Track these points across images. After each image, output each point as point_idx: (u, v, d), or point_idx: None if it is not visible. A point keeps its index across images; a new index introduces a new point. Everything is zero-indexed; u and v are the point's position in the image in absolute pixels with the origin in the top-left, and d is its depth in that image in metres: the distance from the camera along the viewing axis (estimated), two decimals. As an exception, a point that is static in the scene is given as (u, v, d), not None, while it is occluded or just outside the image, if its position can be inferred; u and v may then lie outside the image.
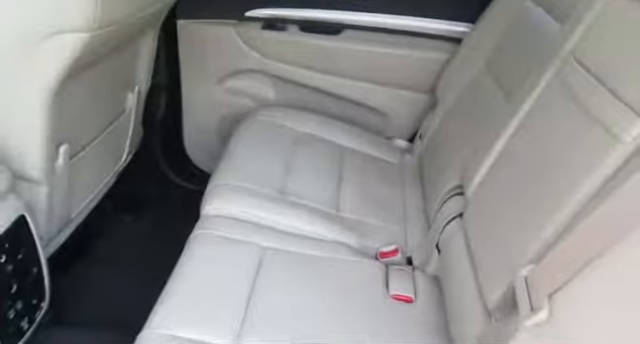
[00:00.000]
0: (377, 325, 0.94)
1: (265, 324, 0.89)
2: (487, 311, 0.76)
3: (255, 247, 1.07)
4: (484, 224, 0.90)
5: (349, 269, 1.07)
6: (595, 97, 0.72)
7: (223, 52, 1.68)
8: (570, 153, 0.72)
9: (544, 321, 0.61)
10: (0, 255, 0.94)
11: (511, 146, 0.92)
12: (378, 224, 1.26)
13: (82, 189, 1.32)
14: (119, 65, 1.37)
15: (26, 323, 1.03)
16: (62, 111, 1.06)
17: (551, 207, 0.70)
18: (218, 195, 1.19)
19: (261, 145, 1.44)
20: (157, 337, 0.83)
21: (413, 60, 1.61)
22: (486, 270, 0.81)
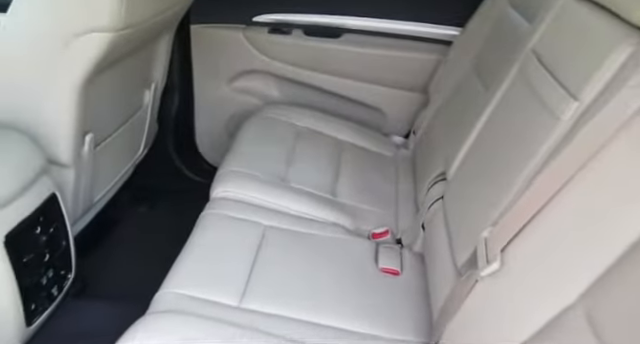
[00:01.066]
0: (366, 292, 1.06)
1: (265, 289, 1.01)
2: (457, 272, 0.87)
3: (258, 225, 1.19)
4: (458, 200, 1.02)
5: (342, 246, 1.19)
6: (545, 85, 0.83)
7: (232, 54, 1.81)
8: (524, 134, 0.84)
9: (497, 270, 0.73)
10: (35, 227, 1.07)
11: (484, 132, 1.04)
12: (371, 209, 1.38)
13: (103, 176, 1.45)
14: (138, 64, 1.50)
15: (56, 290, 1.16)
16: (88, 103, 1.20)
17: (507, 181, 0.82)
18: (226, 180, 1.32)
19: (266, 138, 1.57)
20: (171, 296, 0.96)
21: (408, 61, 1.74)
22: (457, 238, 0.93)
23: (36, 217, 1.07)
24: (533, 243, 0.70)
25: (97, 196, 1.45)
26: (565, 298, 0.63)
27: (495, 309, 0.75)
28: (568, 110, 0.74)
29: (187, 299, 0.95)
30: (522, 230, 0.71)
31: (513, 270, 0.72)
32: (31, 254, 1.06)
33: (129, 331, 0.85)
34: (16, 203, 1.02)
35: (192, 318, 0.90)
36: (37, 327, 1.13)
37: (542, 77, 0.85)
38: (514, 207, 0.74)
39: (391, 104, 1.80)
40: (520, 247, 0.71)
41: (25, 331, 1.08)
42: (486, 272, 0.74)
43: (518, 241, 0.72)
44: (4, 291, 1.00)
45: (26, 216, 1.04)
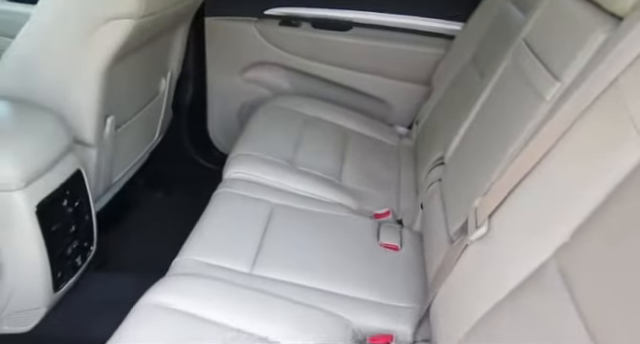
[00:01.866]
0: (366, 264, 1.14)
1: (274, 258, 1.10)
2: (450, 240, 0.95)
3: (267, 203, 1.27)
4: (453, 179, 1.09)
5: (346, 223, 1.27)
6: (533, 70, 0.91)
7: (244, 46, 1.90)
8: (513, 115, 0.92)
9: (484, 234, 0.81)
10: (62, 199, 1.16)
11: (479, 117, 1.12)
12: (374, 192, 1.45)
13: (122, 158, 1.54)
14: (155, 53, 1.59)
15: (80, 260, 1.25)
16: (110, 88, 1.28)
17: (497, 157, 0.89)
18: (237, 162, 1.41)
19: (275, 125, 1.65)
20: (188, 262, 1.05)
21: (412, 55, 1.82)
22: (451, 211, 1.01)
23: (63, 190, 1.16)
24: (516, 208, 0.77)
25: (116, 177, 1.53)
26: (541, 255, 0.70)
27: (482, 271, 0.82)
28: (551, 90, 0.82)
29: (203, 265, 1.04)
30: (507, 197, 0.79)
31: (499, 234, 0.80)
32: (58, 224, 1.15)
33: (150, 290, 0.94)
34: (46, 176, 1.11)
35: (208, 280, 0.98)
36: (62, 294, 1.22)
37: (531, 63, 0.93)
38: (502, 178, 0.82)
39: (395, 95, 1.88)
40: (505, 212, 0.79)
41: (52, 296, 1.17)
42: (475, 236, 0.82)
43: (504, 207, 0.79)
44: (35, 256, 1.09)
45: (54, 189, 1.13)
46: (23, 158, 1.05)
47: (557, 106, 0.77)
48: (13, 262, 1.08)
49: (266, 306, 0.96)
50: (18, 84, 1.18)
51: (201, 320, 0.89)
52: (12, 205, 1.03)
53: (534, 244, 0.73)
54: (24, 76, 1.18)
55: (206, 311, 0.91)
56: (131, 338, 0.85)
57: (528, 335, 0.69)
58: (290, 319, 0.94)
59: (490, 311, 0.77)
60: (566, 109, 0.73)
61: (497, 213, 0.81)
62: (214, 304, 0.93)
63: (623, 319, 0.56)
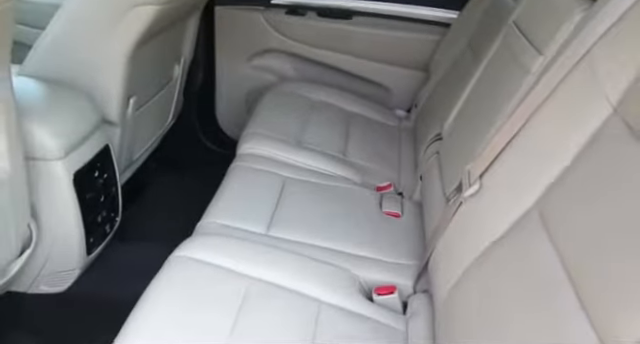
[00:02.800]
0: (370, 228, 1.25)
1: (287, 222, 1.21)
2: (446, 201, 1.07)
3: (279, 176, 1.39)
4: (449, 148, 1.21)
5: (351, 194, 1.39)
6: (520, 47, 1.03)
7: (252, 34, 2.00)
8: (502, 88, 1.03)
9: (476, 191, 0.93)
10: (94, 171, 1.27)
11: (472, 94, 1.23)
12: (376, 168, 1.57)
13: (140, 138, 1.65)
14: (170, 40, 1.70)
15: (108, 228, 1.36)
16: (133, 70, 1.39)
17: (487, 125, 1.01)
18: (250, 139, 1.52)
19: (283, 108, 1.76)
20: (211, 224, 1.16)
21: (411, 41, 1.93)
22: (447, 176, 1.13)
23: (94, 163, 1.27)
24: (504, 167, 0.89)
25: (135, 155, 1.65)
26: (524, 205, 0.82)
27: (473, 225, 0.94)
28: (536, 64, 0.93)
29: (224, 227, 1.16)
30: (496, 158, 0.91)
31: (489, 190, 0.91)
32: (91, 193, 1.26)
33: (181, 246, 1.05)
34: (80, 149, 1.22)
35: (230, 239, 1.10)
36: (93, 258, 1.33)
37: (519, 41, 1.04)
38: (491, 142, 0.94)
39: (395, 80, 1.99)
40: (494, 171, 0.91)
41: (85, 259, 1.29)
42: (468, 193, 0.94)
43: (493, 167, 0.91)
44: (72, 221, 1.20)
45: (87, 161, 1.24)
46: (62, 132, 1.16)
47: (540, 77, 0.89)
48: (52, 226, 1.19)
49: (282, 260, 1.08)
50: (51, 66, 1.28)
51: (226, 270, 1.01)
52: (52, 173, 1.15)
53: (519, 196, 0.84)
54: (57, 58, 1.29)
55: (230, 263, 1.02)
56: (166, 285, 0.97)
57: (510, 276, 0.81)
58: (304, 271, 1.06)
59: (477, 258, 0.89)
60: (547, 79, 0.85)
61: (487, 173, 0.92)
62: (236, 258, 1.04)
63: (593, 254, 0.68)
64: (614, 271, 0.59)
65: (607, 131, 0.73)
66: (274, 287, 1.01)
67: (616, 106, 0.73)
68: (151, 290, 0.97)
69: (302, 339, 0.93)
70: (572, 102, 0.80)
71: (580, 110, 0.78)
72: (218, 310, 0.94)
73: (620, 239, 0.61)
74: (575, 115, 0.79)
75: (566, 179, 0.78)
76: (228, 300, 0.96)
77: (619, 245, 0.61)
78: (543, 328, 0.66)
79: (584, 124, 0.77)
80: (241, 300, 0.96)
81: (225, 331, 0.90)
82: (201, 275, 0.99)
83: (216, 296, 0.96)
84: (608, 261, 0.61)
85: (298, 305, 0.99)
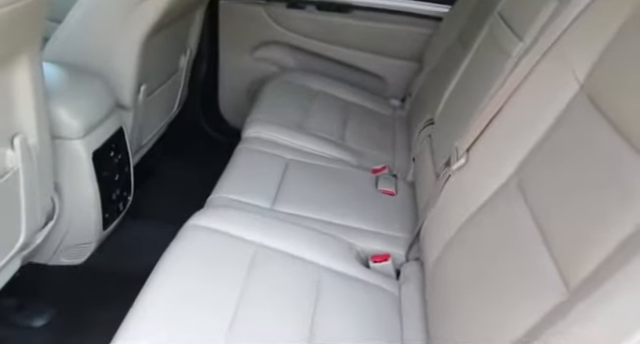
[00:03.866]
0: (367, 204, 1.36)
1: (290, 198, 1.31)
2: (436, 176, 1.17)
3: (282, 158, 1.49)
4: (440, 130, 1.31)
5: (349, 175, 1.49)
6: (503, 35, 1.13)
7: (254, 27, 2.10)
8: (486, 72, 1.14)
9: (463, 165, 1.03)
10: (110, 151, 1.37)
11: (461, 80, 1.34)
12: (372, 152, 1.67)
13: (149, 124, 1.74)
14: (178, 32, 1.79)
15: (121, 206, 1.46)
16: (144, 59, 1.49)
17: (473, 107, 1.11)
18: (254, 124, 1.62)
19: (284, 97, 1.86)
20: (220, 198, 1.26)
21: (405, 34, 2.03)
22: (438, 154, 1.23)
23: (110, 143, 1.37)
24: (487, 141, 0.99)
25: (144, 140, 1.74)
26: (505, 174, 0.92)
27: (460, 195, 1.04)
28: (516, 49, 1.03)
29: (233, 201, 1.25)
30: (481, 134, 1.01)
31: (474, 163, 1.01)
32: (107, 172, 1.35)
33: (193, 217, 1.15)
34: (98, 130, 1.31)
35: (239, 211, 1.20)
36: (109, 233, 1.43)
37: (502, 30, 1.15)
38: (477, 121, 1.04)
39: (390, 71, 2.10)
40: (479, 145, 1.01)
41: (102, 233, 1.38)
42: (456, 166, 1.04)
43: (478, 142, 1.01)
44: (90, 197, 1.30)
45: (105, 140, 1.33)
46: (82, 113, 1.25)
47: (519, 60, 0.99)
48: (72, 201, 1.28)
49: (286, 231, 1.17)
50: (71, 53, 1.38)
51: (235, 238, 1.10)
52: (74, 151, 1.24)
53: (500, 167, 0.95)
54: (76, 46, 1.38)
55: (239, 232, 1.12)
56: (181, 250, 1.06)
57: (491, 237, 0.90)
58: (306, 240, 1.16)
59: (463, 225, 0.99)
60: (525, 62, 0.95)
61: (473, 147, 1.03)
62: (244, 227, 1.13)
63: (558, 207, 0.78)
64: (573, 218, 0.69)
65: (574, 106, 0.83)
66: (279, 253, 1.11)
67: (583, 83, 0.83)
68: (168, 255, 1.06)
69: (305, 299, 1.02)
70: (545, 82, 0.91)
71: (552, 88, 0.88)
72: (228, 272, 1.03)
73: (578, 194, 0.71)
74: (548, 93, 0.89)
75: (539, 149, 0.88)
76: (237, 264, 1.05)
77: (577, 199, 0.71)
78: (517, 274, 0.76)
79: (555, 101, 0.87)
80: (249, 264, 1.06)
81: (235, 292, 0.99)
82: (212, 241, 1.09)
83: (226, 260, 1.06)
84: (569, 211, 0.71)
85: (301, 270, 1.09)
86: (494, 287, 0.82)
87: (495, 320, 0.73)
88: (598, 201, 0.67)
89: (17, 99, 1.00)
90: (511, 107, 0.96)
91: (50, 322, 1.33)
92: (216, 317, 0.92)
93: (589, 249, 0.62)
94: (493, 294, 0.79)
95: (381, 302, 1.08)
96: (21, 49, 0.97)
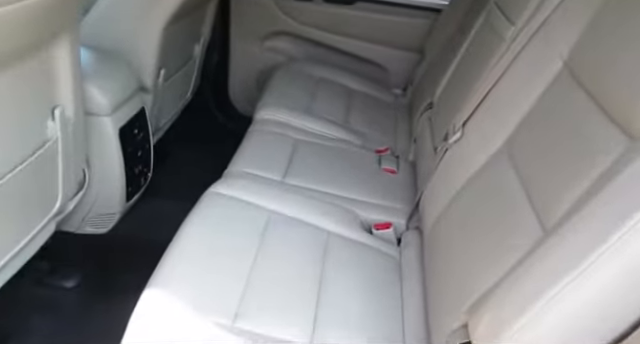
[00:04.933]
0: (371, 180, 1.47)
1: (299, 172, 1.42)
2: (435, 150, 1.28)
3: (291, 138, 1.60)
4: (438, 110, 1.43)
5: (354, 154, 1.60)
6: (498, 20, 1.24)
7: (263, 18, 2.21)
8: (481, 56, 1.25)
9: (459, 138, 1.14)
10: (133, 129, 1.48)
11: (459, 65, 1.45)
12: (375, 135, 1.78)
13: (166, 107, 1.85)
14: (193, 22, 1.90)
15: (143, 180, 1.57)
16: (164, 45, 1.60)
17: (469, 88, 1.22)
18: (265, 108, 1.73)
19: (292, 84, 1.97)
20: (236, 171, 1.37)
21: (407, 25, 2.14)
22: (437, 132, 1.34)
23: (134, 121, 1.48)
24: (481, 116, 1.11)
25: (161, 123, 1.85)
26: (496, 144, 1.04)
27: (456, 166, 1.15)
28: (508, 33, 1.15)
29: (247, 173, 1.37)
30: (475, 110, 1.12)
31: (469, 136, 1.13)
32: (131, 148, 1.47)
33: (212, 186, 1.26)
34: (123, 108, 1.42)
35: (255, 182, 1.31)
36: (131, 205, 1.54)
37: (497, 17, 1.26)
38: (472, 99, 1.15)
39: (392, 61, 2.21)
40: (473, 121, 1.12)
41: (125, 205, 1.49)
42: (452, 140, 1.15)
43: (473, 118, 1.13)
44: (116, 170, 1.41)
45: (130, 118, 1.44)
46: (111, 92, 1.36)
47: (511, 43, 1.10)
48: (99, 174, 1.39)
49: (296, 200, 1.29)
50: (99, 38, 1.48)
51: (251, 204, 1.22)
52: (103, 127, 1.35)
53: (492, 138, 1.06)
54: (103, 32, 1.49)
55: (253, 199, 1.23)
56: (202, 215, 1.17)
57: (481, 202, 1.01)
58: (314, 209, 1.27)
59: (458, 192, 1.10)
60: (516, 44, 1.06)
61: (468, 122, 1.14)
62: (258, 195, 1.25)
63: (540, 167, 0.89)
64: (550, 174, 0.81)
65: (557, 81, 0.95)
66: (290, 219, 1.22)
67: (566, 60, 0.94)
68: (190, 219, 1.17)
69: (314, 258, 1.13)
70: (533, 61, 1.02)
71: (539, 66, 1.00)
72: (245, 234, 1.14)
73: (556, 155, 0.83)
74: (535, 71, 1.00)
75: (527, 121, 0.99)
76: (253, 227, 1.16)
77: (555, 158, 0.82)
78: (501, 224, 0.87)
79: (541, 77, 0.98)
80: (263, 228, 1.17)
81: (252, 252, 1.10)
82: (230, 207, 1.20)
83: (242, 223, 1.17)
84: (547, 169, 0.83)
85: (310, 234, 1.20)
86: (481, 237, 0.93)
87: (482, 262, 0.84)
88: (570, 159, 0.78)
89: (57, 76, 1.11)
90: (503, 85, 1.07)
91: (79, 284, 1.45)
92: (235, 271, 1.03)
93: (562, 195, 0.74)
94: (480, 243, 0.91)
95: (383, 263, 1.19)
96: (61, 32, 1.08)
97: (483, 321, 0.73)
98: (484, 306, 0.74)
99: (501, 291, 0.72)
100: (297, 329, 0.94)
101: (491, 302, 0.73)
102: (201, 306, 0.92)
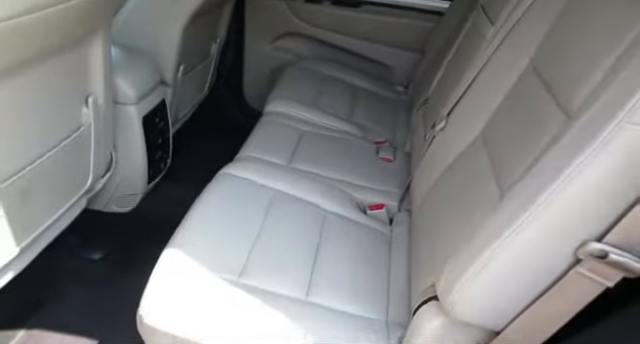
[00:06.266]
0: (368, 165, 1.61)
1: (303, 158, 1.57)
2: (424, 138, 1.42)
3: (297, 129, 1.75)
4: (431, 104, 1.57)
5: (354, 145, 1.75)
6: (482, 22, 1.38)
7: (276, 19, 2.37)
8: (465, 54, 1.39)
9: (443, 126, 1.28)
10: (155, 118, 1.64)
11: (448, 65, 1.59)
12: (376, 128, 1.92)
13: (184, 101, 2.01)
14: (210, 22, 2.06)
15: (162, 165, 1.74)
16: (184, 42, 1.76)
17: (455, 83, 1.36)
18: (275, 101, 1.88)
19: (300, 80, 2.12)
20: (246, 156, 1.53)
21: (410, 27, 2.28)
22: (428, 123, 1.48)
23: (155, 111, 1.64)
24: (461, 108, 1.24)
25: (180, 114, 2.01)
26: (474, 132, 1.17)
27: (441, 151, 1.29)
28: (489, 32, 1.29)
29: (256, 158, 1.52)
30: (457, 102, 1.26)
31: (452, 125, 1.27)
32: (153, 135, 1.63)
33: (224, 168, 1.41)
34: (147, 99, 1.59)
35: (262, 165, 1.46)
36: (152, 187, 1.71)
37: (481, 17, 1.40)
38: (454, 92, 1.29)
39: (395, 60, 2.35)
40: (456, 112, 1.26)
41: (146, 186, 1.66)
42: (438, 128, 1.29)
43: (456, 108, 1.27)
44: (140, 154, 1.58)
45: (152, 108, 1.61)
46: (136, 84, 1.52)
47: (490, 41, 1.24)
48: (125, 157, 1.56)
49: (298, 181, 1.43)
50: (126, 34, 1.64)
51: (258, 184, 1.37)
52: (128, 115, 1.52)
53: (471, 127, 1.20)
54: (130, 29, 1.66)
55: (260, 180, 1.38)
56: (214, 191, 1.33)
57: (459, 182, 1.15)
58: (314, 190, 1.41)
59: (443, 174, 1.24)
60: (494, 42, 1.20)
61: (452, 113, 1.28)
62: (265, 176, 1.40)
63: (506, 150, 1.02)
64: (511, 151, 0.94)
65: (523, 77, 1.08)
66: (292, 198, 1.37)
67: (532, 57, 1.08)
68: (204, 195, 1.32)
69: (312, 231, 1.28)
70: (506, 58, 1.16)
71: (510, 63, 1.13)
72: (252, 209, 1.29)
73: (517, 137, 0.96)
74: (507, 67, 1.14)
75: (498, 110, 1.13)
76: (259, 203, 1.31)
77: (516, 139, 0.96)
78: (470, 195, 1.01)
79: (511, 73, 1.12)
80: (268, 204, 1.32)
81: (257, 223, 1.25)
82: (239, 186, 1.35)
83: (250, 200, 1.31)
84: (510, 148, 0.96)
85: (310, 210, 1.34)
86: (452, 210, 1.08)
87: (449, 230, 0.98)
88: (526, 137, 0.92)
89: (91, 68, 1.28)
90: (481, 79, 1.21)
91: (106, 256, 1.62)
92: (242, 237, 1.18)
93: (516, 166, 0.88)
94: (451, 215, 1.05)
95: (374, 239, 1.33)
96: (96, 30, 1.25)
97: (443, 277, 0.87)
98: (446, 265, 0.88)
99: (459, 250, 0.86)
100: (293, 287, 1.08)
101: (451, 260, 0.87)
102: (211, 264, 1.07)
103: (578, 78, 0.83)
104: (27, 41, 0.97)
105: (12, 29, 0.90)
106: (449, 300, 0.83)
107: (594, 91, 0.75)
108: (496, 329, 0.84)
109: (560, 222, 0.72)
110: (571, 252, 0.73)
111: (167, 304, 1.00)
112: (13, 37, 0.92)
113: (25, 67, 1.02)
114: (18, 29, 0.92)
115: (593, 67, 0.78)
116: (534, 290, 0.78)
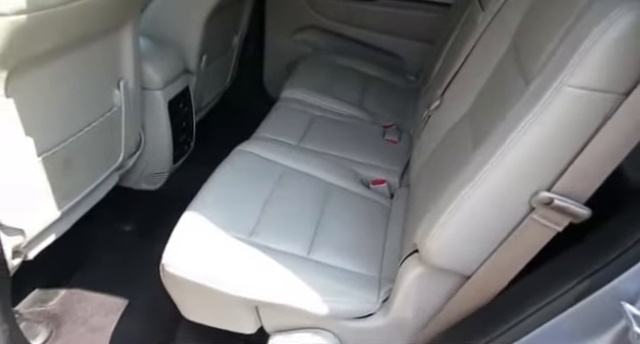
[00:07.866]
0: (374, 146, 1.74)
1: (313, 139, 1.71)
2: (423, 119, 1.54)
3: (309, 114, 1.89)
4: (432, 87, 1.68)
5: (363, 128, 1.87)
6: (474, 9, 1.49)
7: (295, 13, 2.51)
8: (461, 41, 1.50)
9: (438, 105, 1.40)
10: (179, 103, 1.81)
11: (448, 51, 1.70)
12: (386, 114, 2.04)
13: (207, 90, 2.17)
14: (232, 15, 2.21)
15: (186, 147, 1.90)
16: (207, 33, 1.91)
17: (449, 67, 1.48)
18: (290, 88, 2.03)
19: (316, 69, 2.25)
20: (260, 136, 1.68)
21: (421, 19, 2.39)
22: (427, 103, 1.60)
23: (180, 97, 1.80)
24: (453, 87, 1.36)
25: (204, 102, 2.17)
26: (462, 110, 1.29)
27: (435, 129, 1.41)
28: (479, 17, 1.40)
29: (269, 138, 1.67)
30: (450, 82, 1.37)
31: (445, 103, 1.38)
32: (177, 119, 1.79)
33: (239, 146, 1.56)
34: (172, 85, 1.75)
35: (274, 144, 1.61)
36: (177, 166, 1.87)
37: (474, 5, 1.51)
38: (449, 72, 1.40)
39: (406, 51, 2.46)
40: (449, 91, 1.38)
41: (172, 166, 1.82)
42: (433, 107, 1.41)
43: (449, 88, 1.38)
44: (165, 136, 1.74)
45: (176, 94, 1.77)
46: (162, 71, 1.69)
47: (480, 27, 1.35)
48: (152, 138, 1.72)
49: (306, 158, 1.56)
50: (154, 25, 1.81)
51: (269, 160, 1.51)
52: (155, 100, 1.68)
53: (460, 104, 1.31)
54: (156, 22, 1.82)
55: (271, 156, 1.52)
56: (230, 165, 1.47)
57: (446, 151, 1.26)
58: (320, 166, 1.54)
59: (434, 150, 1.36)
60: (481, 27, 1.31)
61: (445, 92, 1.40)
62: (276, 153, 1.54)
63: (483, 120, 1.13)
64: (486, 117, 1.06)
65: (505, 55, 1.19)
66: (299, 172, 1.50)
67: (514, 36, 1.19)
68: (220, 168, 1.47)
69: (317, 202, 1.41)
70: (492, 39, 1.27)
71: (495, 44, 1.24)
72: (262, 181, 1.42)
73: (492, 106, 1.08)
74: (492, 48, 1.25)
75: (483, 89, 1.24)
76: (269, 177, 1.45)
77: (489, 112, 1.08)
78: (454, 163, 1.13)
79: (496, 53, 1.23)
80: (277, 178, 1.45)
81: (267, 192, 1.38)
82: (252, 161, 1.50)
83: (261, 174, 1.45)
84: (486, 119, 1.08)
85: (315, 183, 1.48)
86: (439, 177, 1.19)
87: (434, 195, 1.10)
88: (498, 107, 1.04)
89: (122, 55, 1.44)
90: (470, 61, 1.33)
91: (135, 228, 1.79)
92: (253, 203, 1.32)
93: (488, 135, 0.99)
94: (437, 182, 1.17)
95: (374, 210, 1.46)
96: (126, 21, 1.41)
97: (420, 227, 0.99)
98: (424, 217, 1.00)
99: (436, 202, 0.98)
100: (297, 245, 1.22)
101: (428, 211, 0.99)
102: (225, 224, 1.22)
103: (538, 49, 0.94)
104: (66, 27, 1.14)
105: (52, 17, 1.06)
106: (425, 248, 0.96)
107: (546, 59, 0.87)
108: (467, 273, 0.96)
109: (515, 174, 0.84)
110: (526, 200, 0.85)
111: (186, 256, 1.15)
112: (56, 22, 1.08)
113: (66, 51, 1.19)
114: (57, 18, 1.08)
115: (548, 39, 0.90)
116: (498, 236, 0.89)
